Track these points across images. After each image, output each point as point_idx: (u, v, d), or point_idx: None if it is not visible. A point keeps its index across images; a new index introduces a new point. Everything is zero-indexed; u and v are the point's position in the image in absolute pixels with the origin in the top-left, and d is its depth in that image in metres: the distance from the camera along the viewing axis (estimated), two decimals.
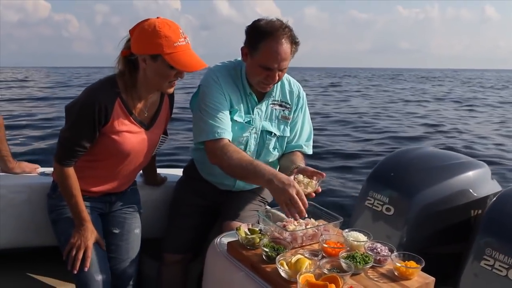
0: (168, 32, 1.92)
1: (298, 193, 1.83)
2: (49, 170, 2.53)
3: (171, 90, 2.10)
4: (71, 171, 2.07)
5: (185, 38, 1.96)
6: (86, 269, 2.05)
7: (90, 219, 2.14)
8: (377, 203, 2.44)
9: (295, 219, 1.86)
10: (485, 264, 2.02)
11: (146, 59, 1.96)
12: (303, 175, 2.05)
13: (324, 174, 2.05)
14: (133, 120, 2.09)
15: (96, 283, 2.07)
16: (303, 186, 1.96)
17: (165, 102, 2.26)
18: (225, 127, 2.16)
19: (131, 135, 2.09)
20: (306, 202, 1.84)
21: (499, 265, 1.97)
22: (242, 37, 2.19)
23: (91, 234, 2.10)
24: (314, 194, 1.98)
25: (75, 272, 2.04)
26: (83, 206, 2.10)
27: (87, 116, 1.96)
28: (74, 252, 2.06)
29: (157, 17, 1.97)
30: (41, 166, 2.63)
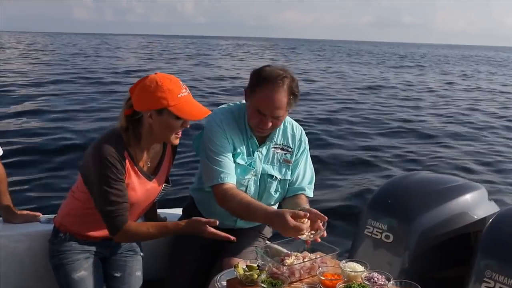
0: (170, 85, 2.00)
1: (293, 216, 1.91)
2: (50, 216, 2.57)
3: (177, 141, 2.15)
4: (132, 224, 2.11)
5: (185, 88, 2.05)
6: None
7: (96, 262, 2.22)
8: (376, 231, 2.45)
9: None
10: (486, 286, 2.01)
11: (152, 114, 2.02)
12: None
13: (326, 218, 2.06)
14: (139, 172, 2.14)
15: None
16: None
17: (168, 151, 2.31)
18: (229, 171, 2.22)
19: (136, 187, 2.13)
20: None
21: (500, 287, 1.97)
22: (244, 7, 2.24)
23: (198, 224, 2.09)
24: (319, 240, 2.02)
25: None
26: (173, 225, 2.14)
27: (112, 171, 2.00)
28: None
29: (156, 73, 2.05)
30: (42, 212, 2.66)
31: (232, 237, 2.04)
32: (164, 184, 2.31)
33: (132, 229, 2.08)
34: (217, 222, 2.02)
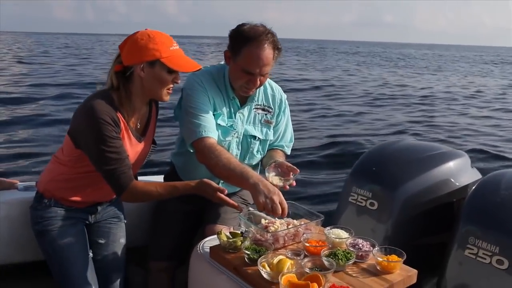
0: (161, 38, 2.00)
1: (281, 202, 1.86)
2: (29, 184, 2.50)
3: (168, 98, 2.11)
4: (139, 184, 2.03)
5: (176, 43, 2.04)
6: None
7: (81, 229, 2.20)
8: (361, 199, 2.45)
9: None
10: (469, 253, 2.03)
11: (144, 67, 1.99)
12: (277, 174, 2.12)
13: (298, 170, 2.12)
14: (130, 134, 2.10)
15: None
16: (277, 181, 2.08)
17: (153, 112, 2.27)
18: (211, 125, 2.19)
19: (128, 148, 2.09)
20: (286, 210, 1.87)
21: (483, 253, 1.98)
22: (227, 6, 2.24)
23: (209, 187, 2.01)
24: (288, 187, 2.08)
25: None
26: (183, 185, 2.07)
27: (107, 129, 1.94)
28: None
29: (146, 29, 2.03)
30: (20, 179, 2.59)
31: (240, 207, 2.01)
32: (152, 145, 2.27)
33: (139, 188, 2.01)
34: (226, 191, 1.98)
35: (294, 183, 2.12)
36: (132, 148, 2.13)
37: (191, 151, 2.23)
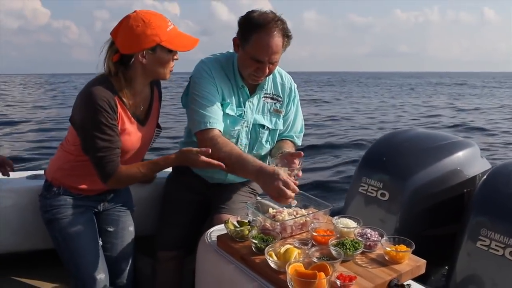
0: (157, 21, 1.97)
1: (285, 183, 1.82)
2: (37, 172, 2.51)
3: (169, 76, 2.11)
4: (122, 167, 2.03)
5: (170, 21, 2.02)
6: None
7: (90, 217, 2.21)
8: (372, 189, 2.44)
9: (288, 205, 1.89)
10: (481, 244, 2.01)
11: (145, 53, 1.97)
12: (283, 165, 2.05)
13: (302, 153, 2.08)
14: (132, 118, 2.09)
15: (96, 281, 2.10)
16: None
17: (155, 94, 2.26)
18: (217, 117, 2.16)
19: (130, 133, 2.09)
20: (296, 188, 1.84)
21: (496, 245, 1.96)
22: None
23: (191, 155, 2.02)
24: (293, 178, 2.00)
25: None
26: (163, 159, 2.06)
27: (103, 116, 1.93)
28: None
29: (135, 11, 1.97)
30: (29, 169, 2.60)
31: (223, 165, 1.99)
32: (156, 129, 2.26)
33: (123, 173, 2.02)
34: (210, 150, 1.98)
35: (300, 174, 2.05)
36: (135, 131, 2.12)
37: (190, 141, 2.21)
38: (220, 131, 2.15)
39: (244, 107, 2.30)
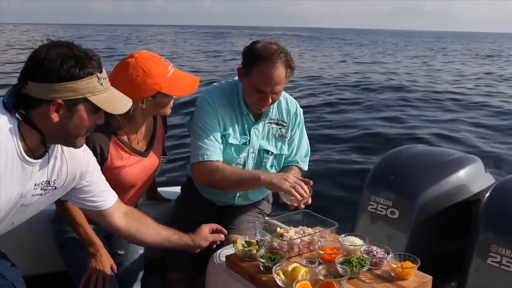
0: (157, 68, 1.96)
1: (295, 181, 2.03)
2: None
3: (170, 111, 2.13)
4: (69, 204, 2.04)
5: (169, 64, 2.02)
6: None
7: (102, 241, 2.16)
8: (381, 207, 2.42)
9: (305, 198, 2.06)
10: (492, 261, 2.00)
11: (145, 101, 1.99)
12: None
13: (311, 182, 2.12)
14: (131, 152, 2.13)
15: None
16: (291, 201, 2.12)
17: (159, 123, 2.29)
18: (214, 149, 2.21)
19: (132, 167, 2.13)
20: (307, 190, 2.06)
21: (507, 261, 1.96)
22: None
23: (107, 260, 2.09)
24: (303, 206, 2.09)
25: None
26: (92, 233, 2.09)
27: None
28: (94, 278, 2.03)
29: (132, 56, 1.97)
30: None
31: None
32: (162, 156, 2.30)
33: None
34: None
35: (310, 201, 2.09)
36: (138, 164, 2.16)
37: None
38: (218, 161, 2.22)
39: (249, 134, 2.34)
